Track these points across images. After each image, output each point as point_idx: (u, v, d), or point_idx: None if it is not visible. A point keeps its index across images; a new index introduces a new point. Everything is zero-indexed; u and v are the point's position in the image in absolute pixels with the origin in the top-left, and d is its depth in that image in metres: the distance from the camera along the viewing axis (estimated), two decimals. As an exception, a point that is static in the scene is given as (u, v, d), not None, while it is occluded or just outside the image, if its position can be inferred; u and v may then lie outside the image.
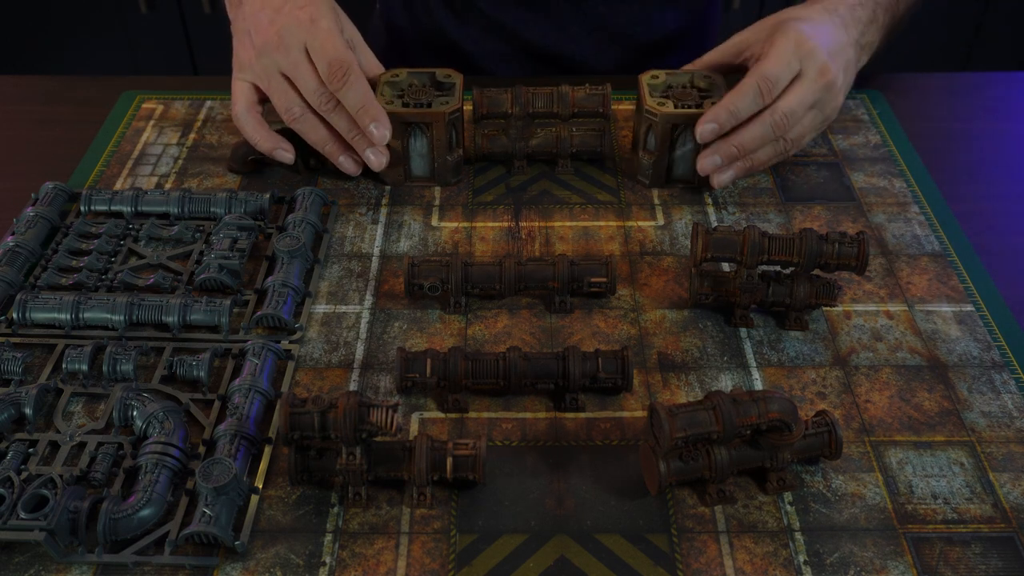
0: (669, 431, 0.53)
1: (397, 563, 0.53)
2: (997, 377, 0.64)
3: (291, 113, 0.77)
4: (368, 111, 0.74)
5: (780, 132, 0.74)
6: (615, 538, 0.54)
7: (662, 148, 0.78)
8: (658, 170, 0.79)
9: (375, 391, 0.63)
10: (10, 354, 0.63)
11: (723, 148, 0.75)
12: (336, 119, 0.76)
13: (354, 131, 0.76)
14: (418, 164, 0.80)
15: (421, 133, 0.78)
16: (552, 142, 0.81)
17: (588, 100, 0.80)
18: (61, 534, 0.52)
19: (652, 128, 0.77)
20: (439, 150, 0.78)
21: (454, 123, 0.78)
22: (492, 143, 0.81)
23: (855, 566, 0.52)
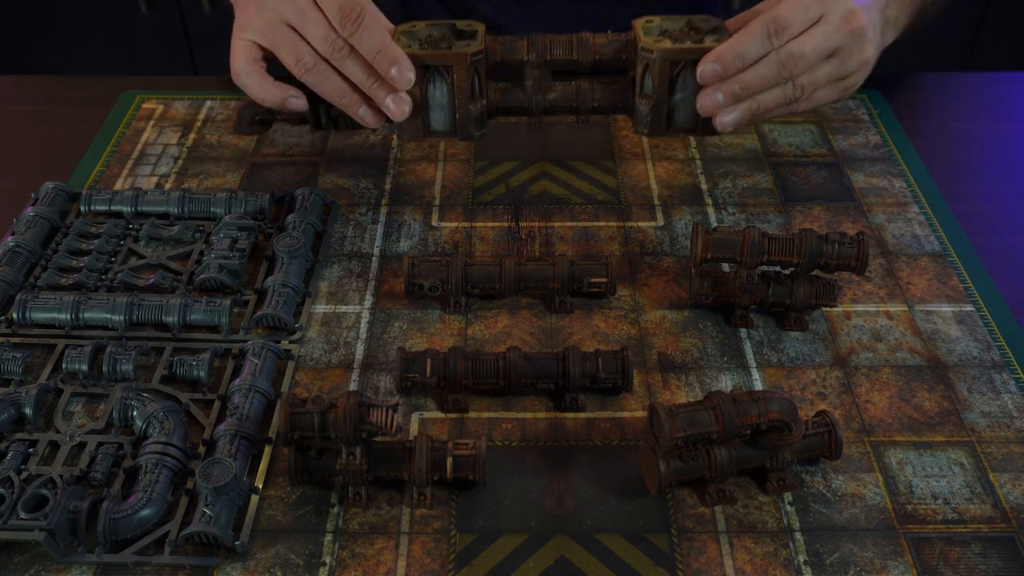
0: (669, 431, 0.53)
1: (397, 563, 0.53)
2: (997, 377, 0.64)
3: (302, 64, 0.71)
4: (387, 54, 0.68)
5: (787, 73, 0.69)
6: (615, 538, 0.54)
7: (661, 90, 0.71)
8: (657, 116, 0.72)
9: (375, 391, 0.63)
10: (10, 354, 0.63)
11: (725, 86, 0.69)
12: (351, 67, 0.70)
13: (372, 79, 0.70)
14: (438, 116, 0.73)
15: (441, 79, 0.71)
16: (572, 95, 0.75)
17: (611, 47, 0.74)
18: (61, 534, 0.52)
19: (649, 68, 0.71)
20: (461, 98, 0.72)
21: (476, 68, 0.71)
22: (507, 97, 0.75)
23: (855, 566, 0.52)
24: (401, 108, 0.71)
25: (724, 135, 0.84)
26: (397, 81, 0.69)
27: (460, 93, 0.72)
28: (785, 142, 0.85)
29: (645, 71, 0.71)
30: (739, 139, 0.86)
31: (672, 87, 0.72)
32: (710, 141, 0.86)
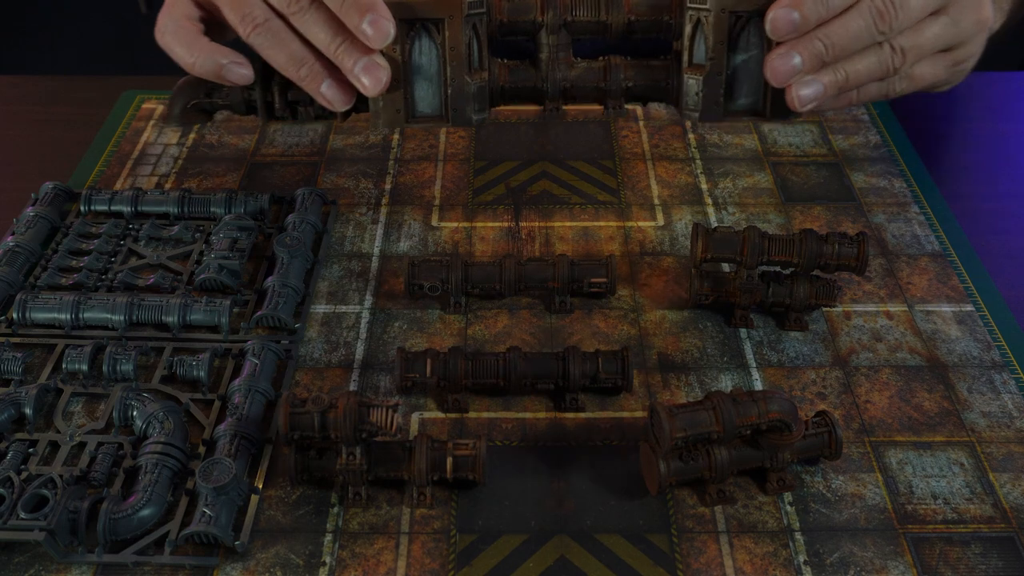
0: (669, 431, 0.53)
1: (397, 563, 0.53)
2: (997, 377, 0.63)
3: (249, 20, 0.57)
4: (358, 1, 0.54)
5: (884, 26, 0.55)
6: (615, 538, 0.54)
7: (717, 54, 0.56)
8: (712, 91, 0.57)
9: (375, 391, 0.63)
10: (10, 354, 0.63)
11: (804, 43, 0.54)
12: (311, 23, 0.56)
13: (339, 38, 0.55)
14: (424, 92, 0.58)
15: (429, 39, 0.56)
16: (599, 74, 0.60)
17: (649, 4, 0.58)
18: (61, 534, 0.52)
19: (702, 26, 0.56)
20: (455, 66, 0.57)
21: (476, 27, 0.56)
22: (514, 76, 0.60)
23: (855, 566, 0.52)
24: (376, 77, 0.55)
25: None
26: (371, 37, 0.54)
27: (454, 58, 0.57)
28: (785, 142, 0.85)
29: (696, 31, 0.57)
30: (739, 139, 0.86)
31: (732, 50, 0.57)
32: (710, 140, 0.86)
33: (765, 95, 0.57)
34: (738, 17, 0.55)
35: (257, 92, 0.60)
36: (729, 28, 0.56)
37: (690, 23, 0.57)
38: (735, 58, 0.57)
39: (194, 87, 0.61)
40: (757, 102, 0.58)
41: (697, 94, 0.57)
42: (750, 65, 0.57)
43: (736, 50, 0.56)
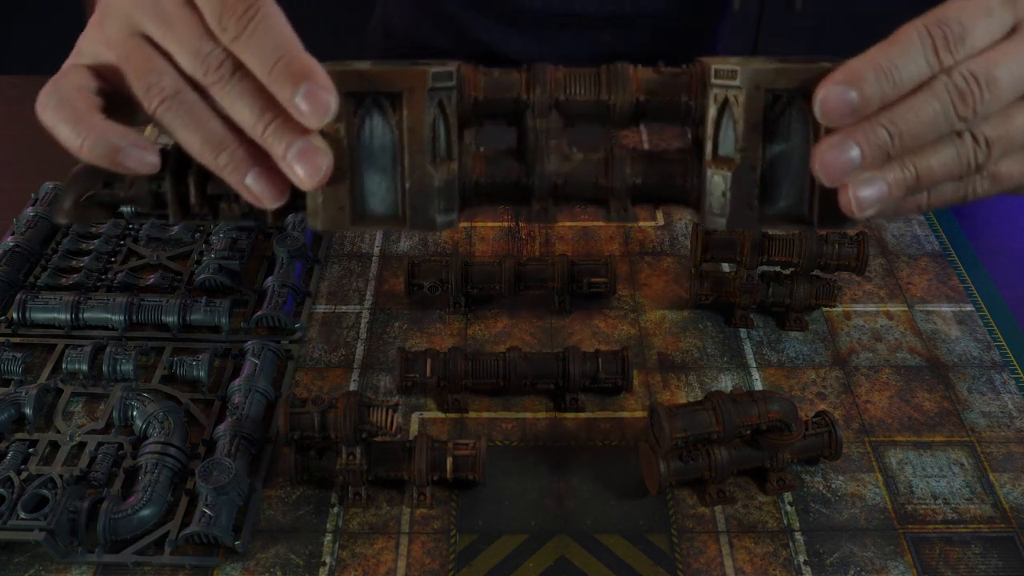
0: (669, 431, 0.53)
1: (397, 563, 0.53)
2: (997, 377, 0.63)
3: (157, 90, 0.44)
4: (292, 64, 0.41)
5: (966, 111, 0.42)
6: (615, 538, 0.54)
7: (752, 144, 0.43)
8: (743, 191, 0.44)
9: (375, 391, 0.63)
10: (10, 354, 0.63)
11: (865, 131, 0.42)
12: (234, 96, 0.43)
13: (267, 115, 0.43)
14: (375, 186, 0.45)
15: (382, 117, 0.44)
16: (599, 168, 0.47)
17: (662, 81, 0.46)
18: (61, 534, 0.52)
19: (730, 109, 0.44)
20: (415, 154, 0.44)
21: (443, 104, 0.44)
22: (492, 167, 0.47)
23: (855, 566, 0.52)
24: (313, 165, 0.42)
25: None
26: (306, 113, 0.41)
27: (414, 142, 0.44)
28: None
29: (722, 115, 0.44)
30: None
31: (770, 139, 0.44)
32: None
33: (811, 196, 0.44)
34: (777, 97, 0.43)
35: (167, 184, 0.46)
36: (765, 110, 0.43)
37: (715, 104, 0.44)
38: (773, 149, 0.44)
39: (91, 176, 0.47)
40: (801, 205, 0.44)
41: (724, 194, 0.44)
42: (792, 158, 0.44)
43: (774, 139, 0.44)
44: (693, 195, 0.46)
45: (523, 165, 0.47)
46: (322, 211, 0.45)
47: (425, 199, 0.45)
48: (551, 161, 0.46)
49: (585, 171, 0.47)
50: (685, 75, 0.45)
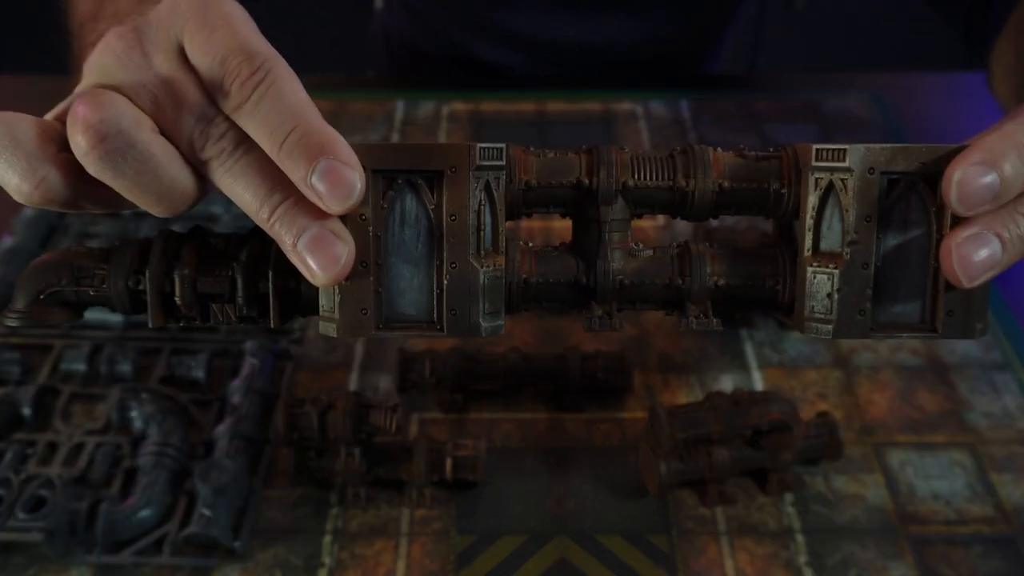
0: (669, 431, 0.53)
1: (397, 564, 0.53)
2: (998, 378, 0.63)
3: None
4: (309, 137, 0.35)
5: None
6: (615, 539, 0.54)
7: (865, 237, 0.38)
8: (853, 294, 0.38)
9: (375, 391, 0.63)
10: (8, 355, 0.63)
11: (1005, 220, 0.37)
12: (235, 174, 0.37)
13: (275, 197, 0.36)
14: (405, 284, 0.39)
15: (417, 200, 0.38)
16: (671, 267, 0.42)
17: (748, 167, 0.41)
18: (60, 535, 0.52)
19: (836, 196, 0.38)
20: (456, 245, 0.38)
21: (490, 187, 0.38)
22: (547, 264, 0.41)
23: (856, 567, 0.52)
24: (330, 256, 0.36)
25: None
26: (326, 193, 0.35)
27: (455, 231, 0.38)
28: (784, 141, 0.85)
29: (825, 204, 0.39)
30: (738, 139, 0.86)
31: (884, 231, 0.39)
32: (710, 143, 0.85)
33: (935, 299, 0.39)
34: (894, 182, 0.38)
35: (148, 281, 0.40)
36: (880, 197, 0.38)
37: (816, 191, 0.39)
38: (887, 243, 0.38)
39: (53, 269, 0.40)
40: (921, 309, 0.39)
41: (829, 296, 0.38)
42: (910, 254, 0.38)
43: (888, 231, 0.38)
44: (787, 298, 0.41)
45: (582, 262, 0.41)
46: (340, 313, 0.38)
47: (467, 300, 0.38)
48: (615, 258, 0.41)
49: (656, 270, 0.41)
50: (775, 158, 0.41)
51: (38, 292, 0.41)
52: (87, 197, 0.38)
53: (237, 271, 0.40)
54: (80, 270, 0.41)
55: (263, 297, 0.40)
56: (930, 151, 0.37)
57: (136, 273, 0.40)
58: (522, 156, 0.40)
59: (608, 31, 0.95)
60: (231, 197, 0.37)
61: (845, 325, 0.38)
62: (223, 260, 0.40)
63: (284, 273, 0.39)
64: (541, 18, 0.95)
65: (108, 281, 0.40)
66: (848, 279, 0.38)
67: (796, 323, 0.40)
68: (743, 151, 0.41)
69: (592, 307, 0.41)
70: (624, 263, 0.41)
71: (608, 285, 0.41)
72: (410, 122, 0.89)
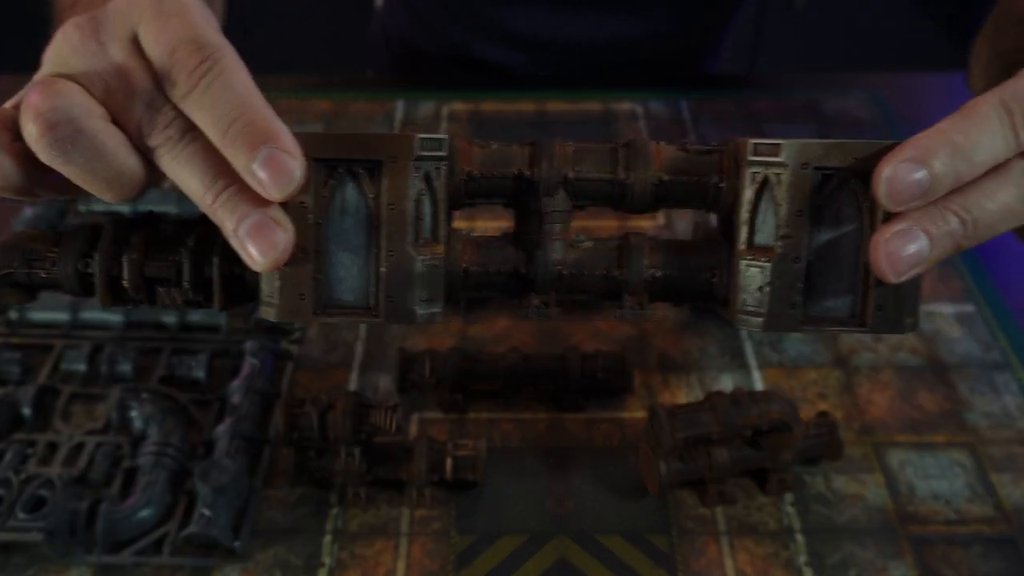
0: (669, 431, 0.53)
1: (397, 564, 0.53)
2: (998, 377, 0.63)
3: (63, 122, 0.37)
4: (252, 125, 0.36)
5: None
6: (615, 539, 0.54)
7: (796, 231, 0.39)
8: (784, 287, 0.39)
9: (375, 391, 0.63)
10: (8, 354, 0.63)
11: (934, 217, 0.37)
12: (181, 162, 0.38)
13: (218, 184, 0.37)
14: (344, 271, 0.39)
15: (357, 189, 0.39)
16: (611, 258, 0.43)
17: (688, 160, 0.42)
18: (59, 535, 0.52)
19: (771, 190, 0.39)
20: (394, 233, 0.39)
21: (430, 177, 0.39)
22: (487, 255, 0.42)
23: (856, 567, 0.52)
24: (269, 242, 0.37)
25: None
26: (267, 180, 0.36)
27: (394, 219, 0.39)
28: (785, 142, 0.85)
29: (760, 198, 0.39)
30: (739, 139, 0.86)
31: (817, 226, 0.39)
32: None
33: (865, 294, 0.39)
34: (827, 176, 0.38)
35: (96, 264, 0.40)
36: (813, 193, 0.38)
37: (752, 185, 0.39)
38: (819, 237, 0.39)
39: (6, 252, 0.42)
40: (853, 304, 0.39)
41: (761, 289, 0.39)
42: (842, 249, 0.39)
43: (822, 226, 0.39)
44: (723, 291, 0.41)
45: (522, 252, 0.41)
46: (279, 298, 0.39)
47: (403, 287, 0.39)
48: (556, 248, 0.41)
49: (595, 261, 0.42)
50: (716, 152, 0.41)
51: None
52: (41, 184, 0.39)
53: (184, 256, 0.41)
54: (32, 253, 0.42)
55: (208, 282, 0.41)
56: (863, 147, 0.38)
57: (85, 257, 0.41)
58: (466, 148, 0.41)
59: (607, 30, 0.96)
60: (178, 183, 0.38)
61: (776, 318, 0.39)
62: (171, 245, 0.41)
63: (230, 259, 0.40)
64: (540, 17, 0.95)
65: (59, 264, 0.41)
66: (779, 272, 0.39)
67: (731, 315, 0.40)
68: (686, 145, 0.41)
69: (530, 296, 0.42)
70: (564, 254, 0.42)
71: (547, 275, 0.41)
72: (410, 122, 0.89)
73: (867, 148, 0.38)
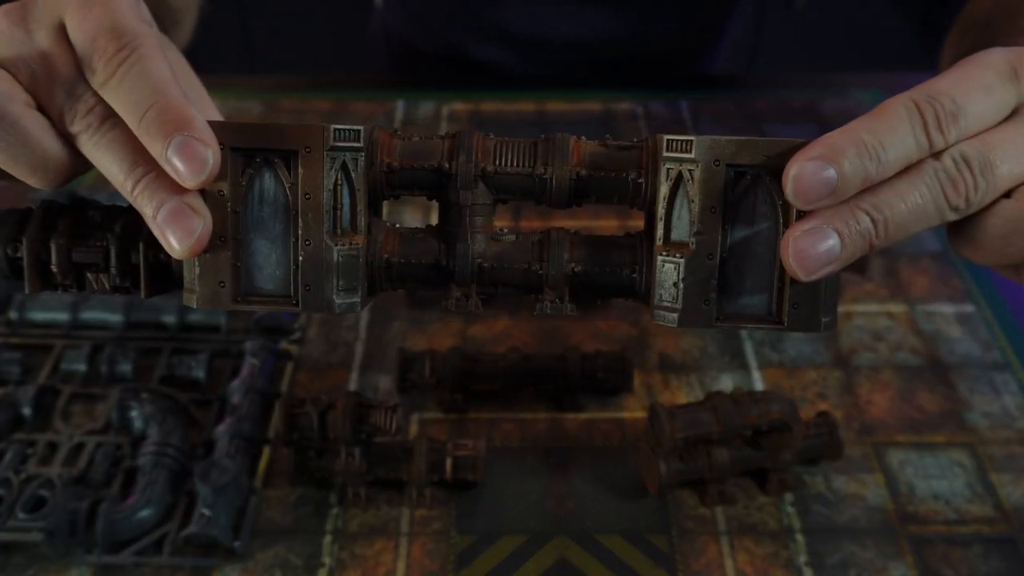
0: (669, 431, 0.53)
1: (397, 564, 0.53)
2: (998, 377, 0.63)
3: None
4: (166, 113, 0.37)
5: (957, 202, 0.37)
6: (615, 539, 0.54)
7: (709, 228, 0.39)
8: (698, 283, 0.39)
9: (375, 391, 0.63)
10: (8, 355, 0.63)
11: (844, 216, 0.37)
12: (102, 148, 0.39)
13: (137, 171, 0.38)
14: (262, 259, 0.40)
15: (274, 178, 0.39)
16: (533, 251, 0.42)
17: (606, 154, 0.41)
18: (59, 535, 0.52)
19: (684, 187, 0.39)
20: (311, 222, 0.39)
21: (347, 167, 0.39)
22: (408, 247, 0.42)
23: (856, 567, 0.52)
24: (185, 229, 0.37)
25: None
26: (181, 167, 0.37)
27: (310, 209, 0.39)
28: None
29: (675, 194, 0.39)
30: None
31: (731, 223, 0.39)
32: None
33: (781, 292, 0.39)
34: (740, 173, 0.38)
35: (24, 247, 0.40)
36: (725, 189, 0.38)
37: (667, 181, 0.39)
38: (735, 234, 0.39)
39: None
40: (767, 302, 0.39)
41: (675, 285, 0.39)
42: (757, 246, 0.39)
43: (736, 223, 0.39)
44: (642, 287, 0.41)
45: (444, 244, 0.41)
46: (199, 285, 0.39)
47: (320, 276, 0.39)
48: (476, 241, 0.41)
49: (516, 254, 0.41)
50: (636, 148, 0.40)
51: None
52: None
53: (111, 242, 0.41)
54: None
55: (136, 268, 0.41)
56: (774, 145, 0.38)
57: (15, 241, 0.41)
58: (386, 139, 0.41)
59: (604, 28, 0.96)
60: (100, 169, 0.39)
61: (690, 314, 0.39)
62: (99, 231, 0.41)
63: (155, 245, 0.40)
64: (536, 15, 0.95)
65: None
66: (693, 268, 0.39)
67: (649, 311, 0.41)
68: (607, 141, 0.41)
69: (451, 289, 0.42)
70: (485, 247, 0.41)
71: (467, 268, 0.41)
72: (410, 122, 0.89)
73: (778, 146, 0.38)
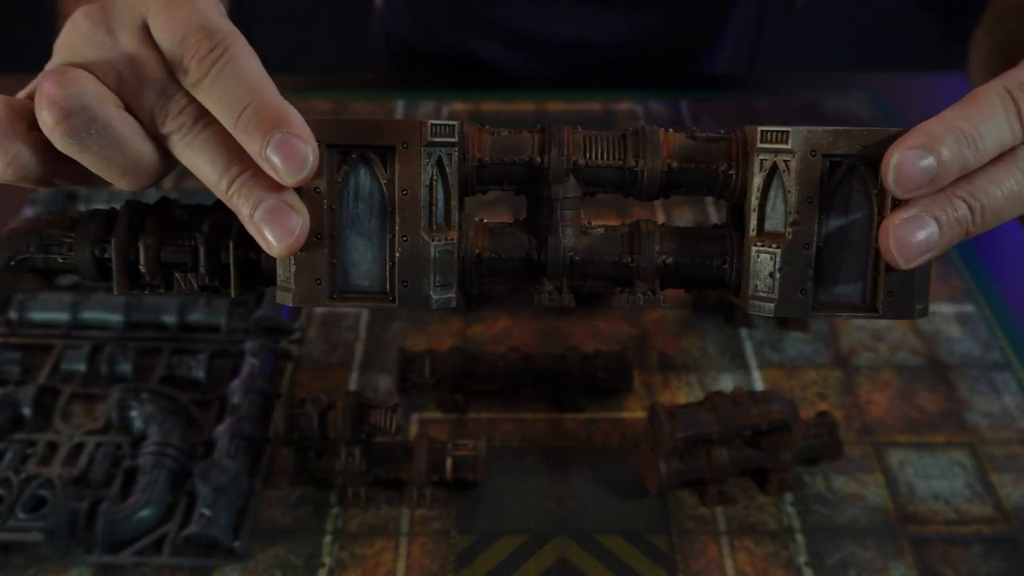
0: (669, 431, 0.53)
1: (397, 564, 0.53)
2: (998, 377, 0.63)
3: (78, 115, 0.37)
4: (264, 111, 0.36)
5: None
6: (615, 539, 0.54)
7: (806, 218, 0.39)
8: (794, 273, 0.39)
9: (375, 391, 0.63)
10: (8, 355, 0.63)
11: (943, 204, 0.37)
12: (195, 149, 0.38)
13: (232, 170, 0.38)
14: (359, 255, 0.40)
15: (370, 175, 0.39)
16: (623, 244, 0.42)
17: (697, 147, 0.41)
18: (59, 535, 0.52)
19: (780, 178, 0.39)
20: (408, 218, 0.39)
21: (442, 163, 0.39)
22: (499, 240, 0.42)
23: (856, 567, 0.52)
24: (284, 227, 0.37)
25: None
26: (280, 165, 0.36)
27: (407, 205, 0.39)
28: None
29: (770, 185, 0.39)
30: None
31: (826, 213, 0.39)
32: None
33: (875, 280, 0.39)
34: (835, 164, 0.38)
35: (113, 249, 0.40)
36: (822, 179, 0.38)
37: (761, 172, 0.39)
38: (829, 224, 0.39)
39: (25, 237, 0.41)
40: (862, 290, 0.40)
41: (772, 275, 0.39)
42: (852, 236, 0.39)
43: (831, 212, 0.39)
44: (734, 277, 0.41)
45: (534, 238, 0.41)
46: (295, 283, 0.39)
47: (418, 273, 0.39)
48: (567, 234, 0.41)
49: (606, 247, 0.42)
50: (724, 140, 0.41)
51: (8, 259, 0.42)
52: (58, 173, 0.40)
53: (200, 241, 0.41)
54: (48, 238, 0.42)
55: (224, 267, 0.41)
56: (871, 134, 0.38)
57: (102, 242, 0.41)
58: (476, 134, 0.41)
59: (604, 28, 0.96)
60: (192, 170, 0.39)
61: (787, 303, 0.39)
62: (187, 231, 0.41)
63: (245, 244, 0.40)
64: (533, 14, 0.95)
65: (75, 249, 0.41)
66: (789, 259, 0.39)
67: (742, 301, 0.40)
68: (694, 133, 0.41)
69: (543, 282, 0.42)
70: (576, 240, 0.42)
71: (559, 261, 0.41)
72: (410, 122, 0.89)
73: (874, 135, 0.38)
